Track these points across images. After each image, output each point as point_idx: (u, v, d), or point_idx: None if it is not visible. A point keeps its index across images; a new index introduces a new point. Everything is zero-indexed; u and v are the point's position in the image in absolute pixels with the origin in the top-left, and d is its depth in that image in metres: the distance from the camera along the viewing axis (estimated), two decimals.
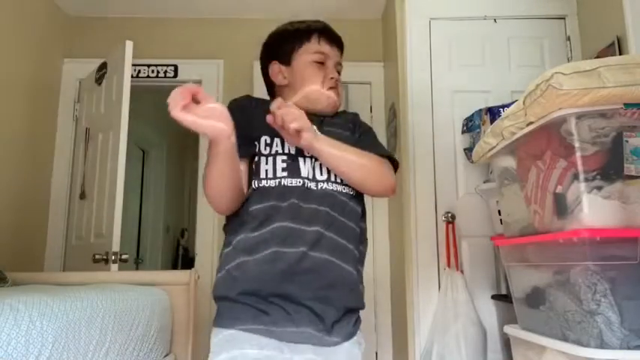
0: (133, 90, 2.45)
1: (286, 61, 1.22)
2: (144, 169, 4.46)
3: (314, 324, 0.97)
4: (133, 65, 2.51)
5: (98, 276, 1.93)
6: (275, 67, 1.25)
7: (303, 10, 2.97)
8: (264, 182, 1.04)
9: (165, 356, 1.77)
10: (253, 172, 1.06)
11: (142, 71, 2.94)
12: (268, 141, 1.08)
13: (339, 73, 1.22)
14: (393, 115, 2.65)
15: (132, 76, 2.46)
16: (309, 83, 1.16)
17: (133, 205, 4.10)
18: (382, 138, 2.91)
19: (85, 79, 2.87)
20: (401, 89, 2.41)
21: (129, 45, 2.45)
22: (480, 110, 2.08)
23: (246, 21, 3.04)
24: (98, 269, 2.27)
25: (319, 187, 1.05)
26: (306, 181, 1.04)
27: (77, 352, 1.18)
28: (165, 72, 2.96)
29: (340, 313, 1.01)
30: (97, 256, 2.28)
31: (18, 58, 2.54)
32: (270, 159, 1.06)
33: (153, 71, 2.96)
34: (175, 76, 2.97)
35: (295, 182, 1.03)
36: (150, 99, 3.92)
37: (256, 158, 1.07)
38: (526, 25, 2.41)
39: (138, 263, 4.18)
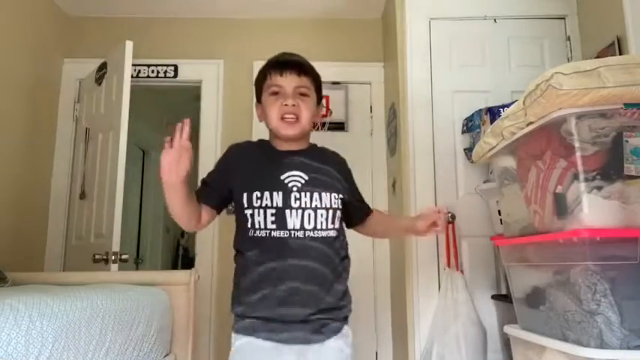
0: (133, 90, 2.45)
1: (260, 101, 1.35)
2: (144, 169, 4.46)
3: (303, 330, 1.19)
4: (133, 65, 2.51)
5: (98, 276, 1.93)
6: (258, 110, 1.37)
7: (303, 11, 2.97)
8: (257, 233, 1.21)
9: (165, 356, 1.77)
10: (248, 221, 1.23)
11: (141, 71, 2.94)
12: (259, 195, 1.21)
13: (305, 94, 1.29)
14: (393, 115, 2.66)
15: (132, 76, 2.46)
16: (269, 119, 1.28)
17: (133, 205, 4.09)
18: (382, 138, 2.92)
19: (85, 79, 2.87)
20: (401, 89, 2.41)
21: (129, 45, 2.45)
22: (480, 110, 2.08)
23: (246, 21, 3.04)
24: (98, 269, 2.27)
25: (306, 235, 1.20)
26: (292, 232, 1.19)
27: (77, 352, 1.18)
28: (165, 72, 2.96)
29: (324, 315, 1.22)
30: (97, 256, 2.28)
31: (18, 58, 2.54)
32: (262, 211, 1.21)
33: (153, 71, 2.96)
34: (175, 76, 2.97)
35: (282, 234, 1.19)
36: (150, 99, 3.93)
37: (250, 210, 1.22)
38: (526, 25, 2.40)
39: (138, 263, 4.18)
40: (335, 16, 3.03)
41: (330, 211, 1.24)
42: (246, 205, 1.22)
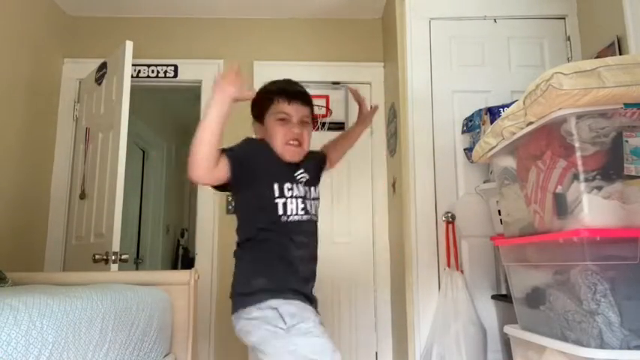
0: (133, 90, 2.45)
1: (261, 121, 1.46)
2: (144, 169, 4.46)
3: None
4: (133, 65, 2.51)
5: (98, 276, 1.93)
6: (255, 126, 1.49)
7: (303, 11, 2.97)
8: (291, 217, 1.35)
9: (165, 356, 1.76)
10: (278, 208, 1.35)
11: (142, 71, 2.94)
12: (289, 186, 1.37)
13: (307, 122, 1.44)
14: (393, 115, 2.66)
15: (132, 76, 2.46)
16: (274, 140, 1.40)
17: (133, 205, 4.09)
18: (382, 138, 2.92)
19: (85, 79, 2.87)
20: (401, 89, 2.41)
21: (129, 45, 2.45)
22: (480, 110, 2.08)
23: (246, 21, 3.04)
24: (98, 269, 2.27)
25: (313, 220, 1.43)
26: (312, 216, 1.42)
27: (77, 352, 1.18)
28: (166, 72, 2.96)
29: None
30: (97, 256, 2.28)
31: (18, 58, 2.54)
32: (294, 200, 1.36)
33: (153, 71, 2.96)
34: (175, 76, 2.97)
35: (306, 217, 1.39)
36: (150, 99, 3.93)
37: (282, 199, 1.35)
38: (526, 25, 2.41)
39: (138, 263, 4.18)
40: (335, 16, 3.03)
41: (320, 200, 1.50)
42: (277, 194, 1.35)
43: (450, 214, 2.21)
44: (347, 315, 2.76)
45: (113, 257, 2.25)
